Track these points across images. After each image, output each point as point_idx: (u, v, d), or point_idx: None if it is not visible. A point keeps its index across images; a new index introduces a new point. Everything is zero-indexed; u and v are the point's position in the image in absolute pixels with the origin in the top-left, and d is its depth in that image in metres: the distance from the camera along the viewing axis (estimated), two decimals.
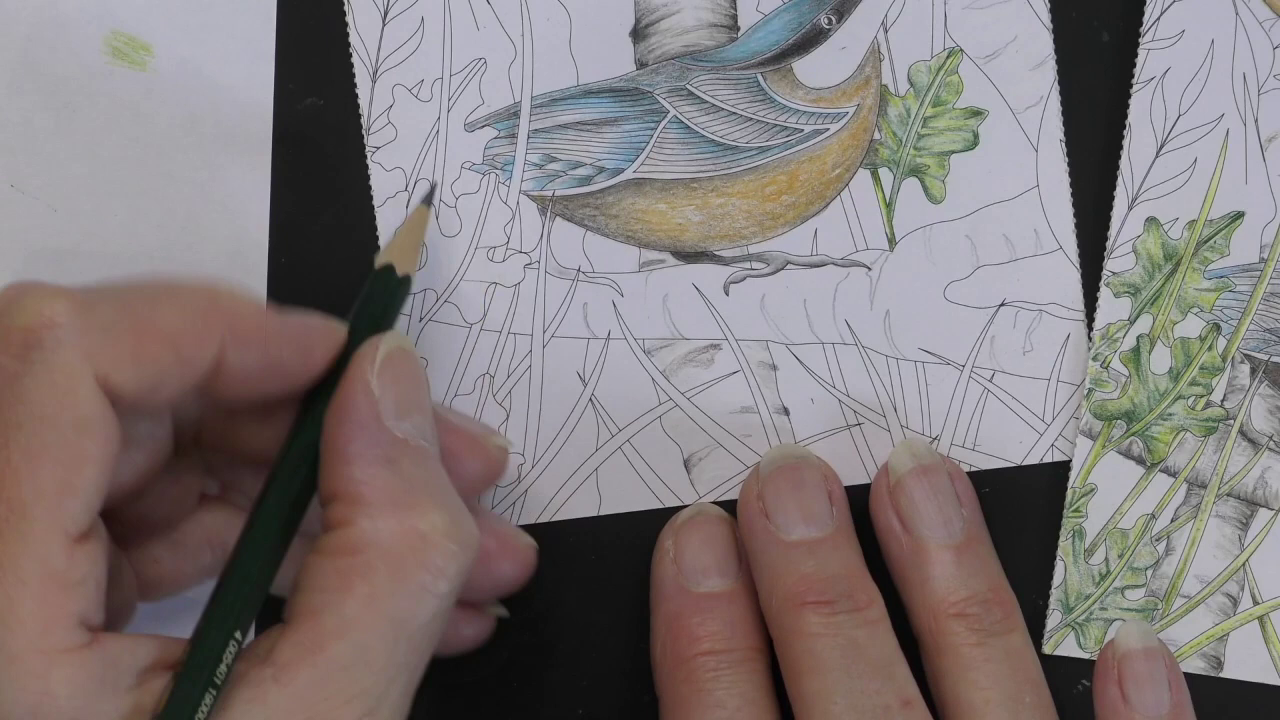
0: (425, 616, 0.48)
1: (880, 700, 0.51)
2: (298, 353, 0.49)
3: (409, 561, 0.47)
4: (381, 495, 0.48)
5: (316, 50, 0.56)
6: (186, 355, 0.47)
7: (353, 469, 0.48)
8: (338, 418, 0.49)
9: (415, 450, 0.49)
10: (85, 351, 0.45)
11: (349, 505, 0.48)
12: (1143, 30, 0.55)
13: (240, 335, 0.48)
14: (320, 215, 0.57)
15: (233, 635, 0.46)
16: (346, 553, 0.47)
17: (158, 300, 0.47)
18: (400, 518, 0.48)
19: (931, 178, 0.56)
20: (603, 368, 0.57)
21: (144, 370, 0.46)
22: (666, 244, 0.56)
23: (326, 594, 0.47)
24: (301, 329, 0.50)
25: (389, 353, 0.50)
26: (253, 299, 0.49)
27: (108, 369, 0.46)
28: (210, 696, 0.45)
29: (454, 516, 0.49)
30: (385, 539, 0.47)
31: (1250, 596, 0.56)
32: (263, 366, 0.49)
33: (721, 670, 0.53)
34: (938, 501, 0.54)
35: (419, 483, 0.49)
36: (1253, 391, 0.56)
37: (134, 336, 0.46)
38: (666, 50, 0.56)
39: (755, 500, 0.54)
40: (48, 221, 0.56)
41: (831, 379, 0.57)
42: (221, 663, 0.46)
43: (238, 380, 0.48)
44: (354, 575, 0.47)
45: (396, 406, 0.49)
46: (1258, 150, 0.55)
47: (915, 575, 0.54)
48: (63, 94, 0.56)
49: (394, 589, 0.47)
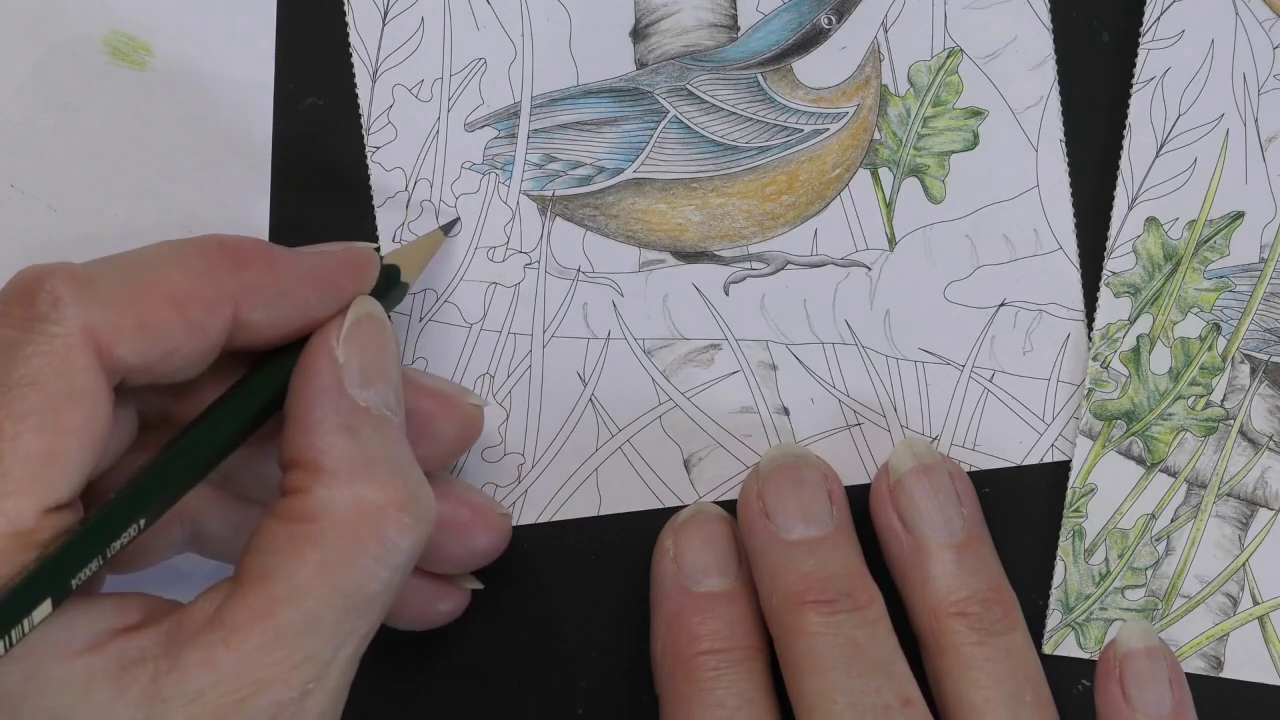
0: (377, 587, 0.47)
1: (880, 699, 0.51)
2: (324, 292, 0.49)
3: (362, 532, 0.47)
4: (339, 464, 0.47)
5: (316, 50, 0.56)
6: (196, 319, 0.47)
7: (312, 436, 0.48)
8: (300, 383, 0.49)
9: (377, 419, 0.49)
10: (85, 325, 0.45)
11: (306, 472, 0.48)
12: (1143, 30, 0.55)
13: (255, 289, 0.48)
14: (320, 215, 0.56)
15: (136, 521, 0.46)
16: (301, 519, 0.47)
17: (162, 265, 0.47)
18: (356, 488, 0.47)
19: (931, 178, 0.56)
20: (603, 368, 0.56)
21: (151, 340, 0.46)
22: (666, 244, 0.56)
23: (278, 559, 0.47)
24: (322, 267, 0.49)
25: (357, 319, 0.49)
26: (265, 247, 0.49)
27: (111, 341, 0.46)
28: (96, 564, 0.45)
29: (411, 489, 0.48)
30: (340, 509, 0.47)
31: (1250, 596, 0.56)
32: (285, 315, 0.48)
33: (722, 669, 0.53)
34: (938, 501, 0.54)
35: (378, 453, 0.48)
36: (1253, 391, 0.56)
37: (137, 306, 0.46)
38: (666, 50, 0.56)
39: (755, 499, 0.54)
40: (48, 221, 0.56)
41: (831, 379, 0.56)
42: (118, 540, 0.46)
43: (261, 330, 0.48)
44: (307, 543, 0.47)
45: (361, 374, 0.49)
46: (1258, 150, 0.55)
47: (916, 574, 0.53)
48: (63, 94, 0.56)
49: (346, 559, 0.47)
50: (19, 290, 0.46)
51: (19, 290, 0.46)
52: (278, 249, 0.49)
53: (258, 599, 0.46)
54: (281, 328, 0.49)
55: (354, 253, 0.51)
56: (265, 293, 0.48)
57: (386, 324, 0.50)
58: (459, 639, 0.57)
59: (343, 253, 0.50)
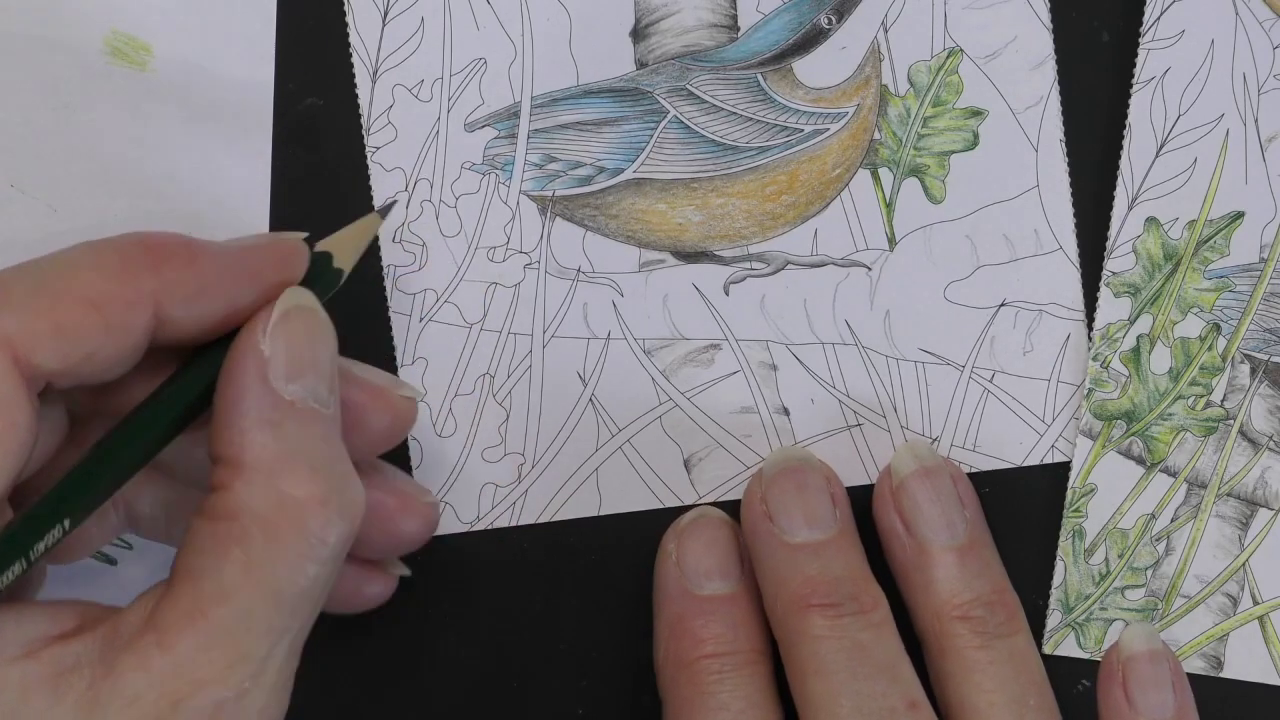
0: (305, 582, 0.46)
1: (886, 702, 0.51)
2: (249, 285, 0.48)
3: (284, 529, 0.46)
4: (259, 460, 0.47)
5: (316, 50, 0.56)
6: (115, 320, 0.46)
7: (233, 431, 0.47)
8: (226, 378, 0.48)
9: (302, 413, 0.48)
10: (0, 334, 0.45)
11: (229, 469, 0.47)
12: (1143, 30, 0.55)
13: (175, 285, 0.47)
14: (320, 215, 0.56)
15: (61, 522, 0.46)
16: (224, 517, 0.46)
17: (78, 267, 0.46)
18: (276, 483, 0.46)
19: (931, 178, 0.56)
20: (603, 368, 0.56)
21: (70, 344, 0.45)
22: (666, 244, 0.56)
23: (206, 557, 0.46)
24: (246, 260, 0.48)
25: (286, 311, 0.48)
26: (186, 242, 0.47)
27: (28, 349, 0.45)
28: (20, 566, 0.45)
29: (334, 483, 0.47)
30: (260, 505, 0.46)
31: (1250, 596, 0.56)
32: (209, 310, 0.47)
33: (725, 673, 0.53)
34: (940, 504, 0.54)
35: (300, 447, 0.47)
36: (1253, 391, 0.55)
37: (52, 311, 0.45)
38: (666, 50, 0.56)
39: (759, 503, 0.54)
40: (48, 221, 0.56)
41: (831, 379, 0.56)
42: (42, 540, 0.45)
43: (186, 326, 0.47)
44: (230, 541, 0.46)
45: (288, 367, 0.48)
46: (1258, 150, 0.55)
47: (918, 578, 0.53)
48: (63, 94, 0.56)
49: (270, 556, 0.46)
50: None
51: None
52: (200, 243, 0.48)
53: (188, 599, 0.45)
54: (207, 323, 0.48)
55: (280, 243, 0.50)
56: (186, 289, 0.47)
57: (318, 314, 0.49)
58: (459, 639, 0.57)
59: (268, 244, 0.49)
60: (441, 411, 0.56)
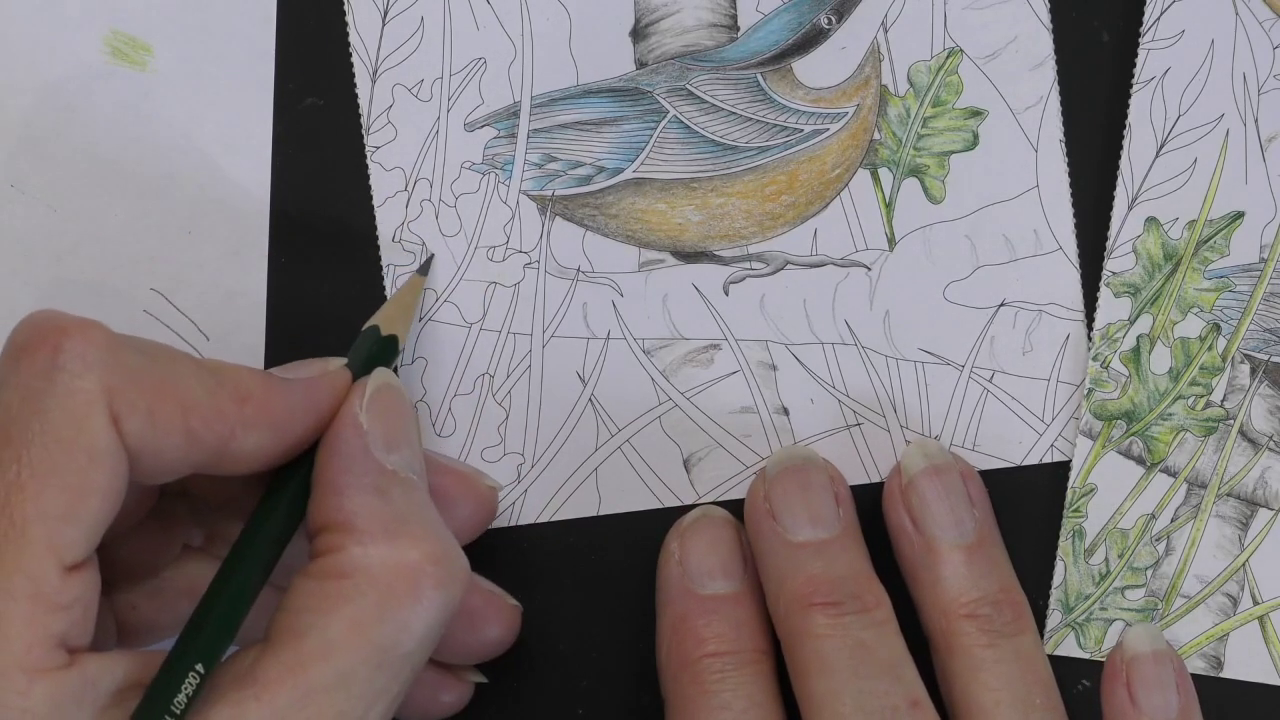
0: (410, 645, 0.47)
1: (888, 701, 0.51)
2: (308, 423, 0.49)
3: (398, 589, 0.47)
4: (373, 524, 0.47)
5: (316, 50, 0.56)
6: (196, 429, 0.46)
7: (343, 499, 0.48)
8: (329, 451, 0.48)
9: (404, 481, 0.49)
10: (106, 387, 0.45)
11: (339, 533, 0.47)
12: (1143, 30, 0.55)
13: (252, 420, 0.47)
14: (320, 215, 0.56)
15: (193, 667, 0.46)
16: (335, 576, 0.47)
17: (182, 368, 0.47)
18: (391, 546, 0.47)
19: (931, 178, 0.56)
20: (602, 368, 0.56)
21: (153, 428, 0.46)
22: (666, 244, 0.56)
23: (312, 615, 0.46)
24: (310, 399, 0.49)
25: (377, 388, 0.50)
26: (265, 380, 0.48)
27: (122, 412, 0.45)
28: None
29: (445, 547, 0.48)
30: (375, 566, 0.47)
31: (1250, 596, 0.56)
32: (272, 446, 0.48)
33: (728, 672, 0.53)
34: (949, 501, 0.54)
35: (410, 513, 0.48)
36: (1253, 391, 0.55)
37: (153, 392, 0.46)
38: (666, 50, 0.56)
39: (762, 502, 0.54)
40: (48, 221, 0.56)
41: (831, 379, 0.56)
42: (180, 693, 0.45)
43: (243, 459, 0.48)
44: (341, 599, 0.46)
45: (385, 440, 0.49)
46: (1258, 150, 0.55)
47: (926, 575, 0.53)
48: (63, 94, 0.56)
49: (380, 616, 0.47)
50: (39, 336, 0.45)
51: (39, 336, 0.45)
52: (275, 381, 0.48)
53: (290, 655, 0.46)
54: (264, 456, 0.48)
55: (333, 377, 0.50)
56: (260, 425, 0.48)
57: (404, 392, 0.50)
58: None
59: (323, 379, 0.50)
60: (441, 411, 0.56)
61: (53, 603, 0.44)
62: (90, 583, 0.45)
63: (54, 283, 0.55)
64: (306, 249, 0.56)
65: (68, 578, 0.44)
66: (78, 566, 0.44)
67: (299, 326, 0.56)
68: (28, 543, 0.44)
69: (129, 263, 0.56)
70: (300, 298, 0.56)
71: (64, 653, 0.44)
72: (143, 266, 0.56)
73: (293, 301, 0.56)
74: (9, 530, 0.44)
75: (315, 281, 0.56)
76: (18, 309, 0.55)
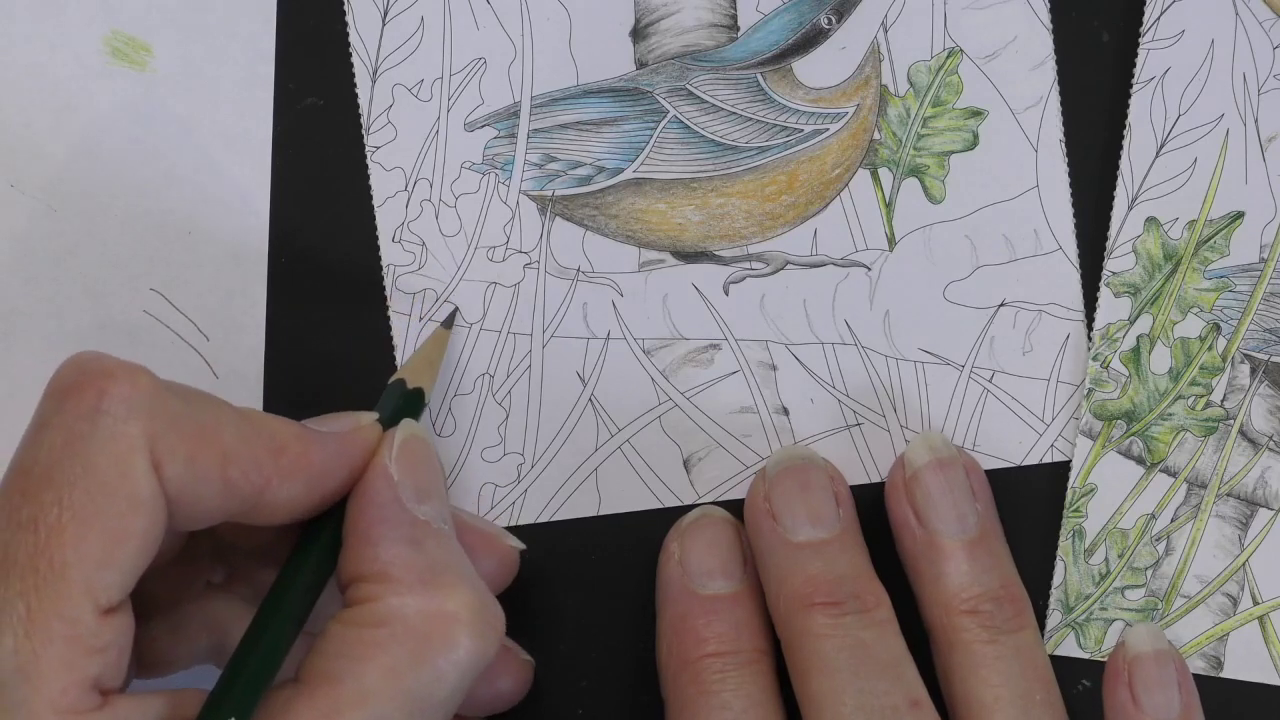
0: (444, 693, 0.47)
1: (889, 701, 0.51)
2: (341, 477, 0.49)
3: (434, 639, 0.47)
4: (408, 574, 0.48)
5: (316, 50, 0.56)
6: (232, 479, 0.46)
7: (378, 549, 0.48)
8: (361, 502, 0.49)
9: (437, 532, 0.49)
10: (147, 432, 0.45)
11: (374, 583, 0.48)
12: (1143, 30, 0.55)
13: (288, 472, 0.47)
14: (320, 215, 0.56)
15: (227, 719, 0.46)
16: (371, 625, 0.47)
17: (221, 417, 0.47)
18: (428, 596, 0.47)
19: (931, 178, 0.55)
20: (602, 368, 0.56)
21: (193, 476, 0.46)
22: (666, 244, 0.56)
23: (347, 661, 0.46)
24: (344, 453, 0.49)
25: (404, 440, 0.50)
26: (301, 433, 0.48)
27: (163, 458, 0.45)
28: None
29: (481, 597, 0.48)
30: (411, 615, 0.47)
31: (1250, 596, 0.55)
32: (305, 498, 0.48)
33: (728, 672, 0.52)
34: (953, 496, 0.53)
35: (444, 563, 0.48)
36: (1253, 391, 0.55)
37: (194, 440, 0.46)
38: (666, 50, 0.56)
39: (762, 501, 0.54)
40: (48, 221, 0.56)
41: (831, 379, 0.56)
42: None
43: (277, 509, 0.48)
44: (377, 647, 0.46)
45: (416, 490, 0.49)
46: (1258, 150, 0.55)
47: (928, 570, 0.53)
48: (63, 94, 0.56)
49: (416, 664, 0.47)
50: (84, 379, 0.45)
51: (84, 379, 0.45)
52: (311, 434, 0.48)
53: (325, 701, 0.46)
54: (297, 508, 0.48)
55: (365, 431, 0.50)
56: (296, 477, 0.48)
57: (431, 445, 0.51)
58: None
59: (355, 432, 0.50)
60: (441, 411, 0.56)
61: (88, 646, 0.44)
62: (125, 626, 0.45)
63: (54, 283, 0.55)
64: (306, 249, 0.56)
65: (103, 621, 0.44)
66: (113, 610, 0.44)
67: (299, 327, 0.56)
68: (66, 586, 0.44)
69: (129, 263, 0.55)
70: (300, 298, 0.56)
71: (97, 695, 0.44)
72: (143, 266, 0.56)
73: (292, 302, 0.56)
74: (48, 573, 0.44)
75: (315, 282, 0.56)
76: (18, 309, 0.55)
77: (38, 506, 0.44)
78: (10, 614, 0.43)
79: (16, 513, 0.44)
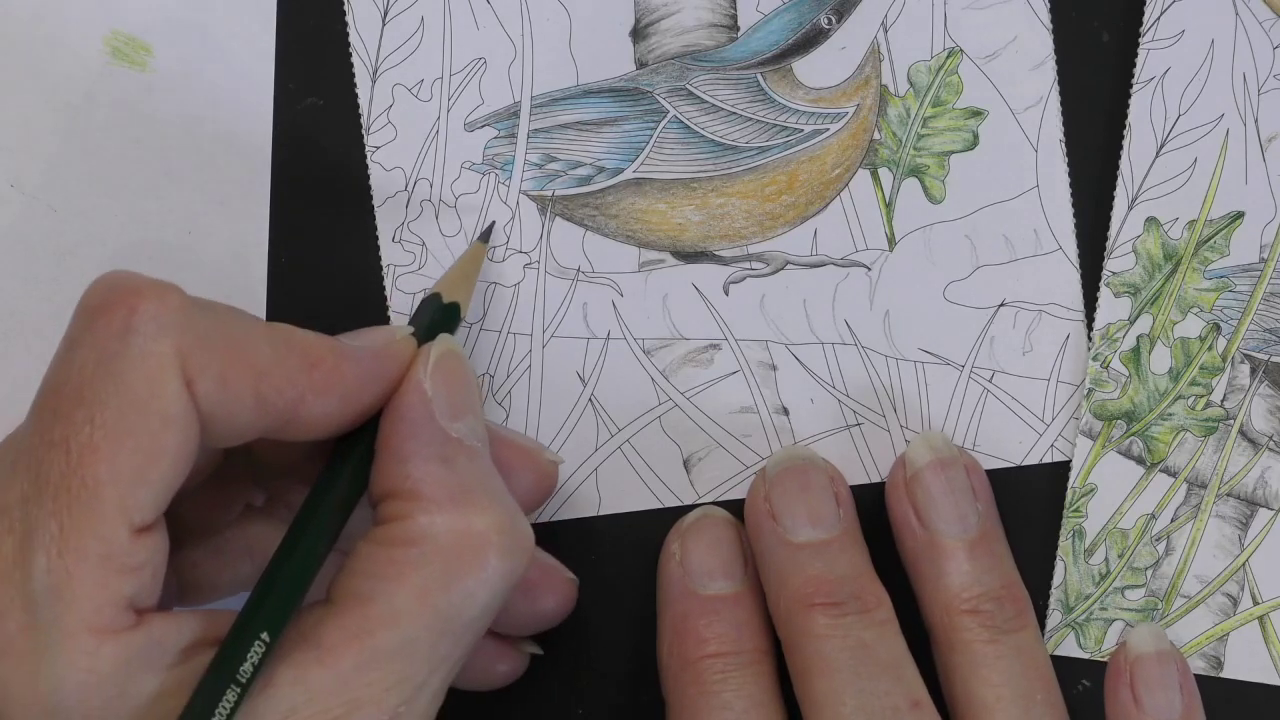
0: (474, 612, 0.47)
1: (889, 701, 0.51)
2: (375, 391, 0.48)
3: (464, 558, 0.47)
4: (439, 492, 0.47)
5: (316, 50, 0.56)
6: (265, 395, 0.46)
7: (409, 466, 0.47)
8: (393, 418, 0.48)
9: (469, 450, 0.48)
10: (179, 350, 0.44)
11: (405, 501, 0.47)
12: (1143, 30, 0.54)
13: (322, 387, 0.47)
14: (320, 215, 0.56)
15: (259, 636, 0.45)
16: (401, 544, 0.47)
17: (253, 333, 0.46)
18: (458, 514, 0.47)
19: (931, 178, 0.55)
20: (602, 368, 0.56)
21: (225, 393, 0.45)
22: (666, 244, 0.56)
23: (377, 581, 0.46)
24: (378, 367, 0.49)
25: (440, 355, 0.49)
26: (334, 346, 0.48)
27: (195, 375, 0.45)
28: (234, 693, 0.45)
29: (511, 517, 0.48)
30: (441, 534, 0.47)
31: (1250, 596, 0.55)
32: (339, 413, 0.48)
33: (729, 672, 0.52)
34: (954, 496, 0.53)
35: (475, 481, 0.48)
36: (1253, 391, 0.55)
37: (225, 356, 0.45)
38: (666, 50, 0.55)
39: (762, 502, 0.53)
40: (48, 221, 0.55)
41: (831, 379, 0.55)
42: (246, 661, 0.45)
43: (311, 425, 0.47)
44: (408, 566, 0.46)
45: (450, 407, 0.48)
46: (1258, 150, 0.54)
47: (929, 570, 0.53)
48: (63, 94, 0.55)
49: (446, 584, 0.46)
50: (114, 297, 0.45)
51: (114, 297, 0.45)
52: (344, 349, 0.48)
53: (355, 620, 0.46)
54: (331, 423, 0.48)
55: (400, 345, 0.50)
56: (330, 392, 0.47)
57: (466, 360, 0.50)
58: None
59: (389, 346, 0.49)
60: None
61: (122, 564, 0.44)
62: (159, 545, 0.45)
63: (54, 283, 0.55)
64: (306, 249, 0.56)
65: (137, 540, 0.44)
66: (147, 528, 0.44)
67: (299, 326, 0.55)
68: (99, 504, 0.43)
69: (129, 263, 0.55)
70: (300, 298, 0.56)
71: (132, 614, 0.44)
72: (143, 266, 0.55)
73: (293, 302, 0.55)
74: (81, 492, 0.43)
75: (315, 282, 0.56)
76: (18, 309, 0.55)
77: (69, 426, 0.44)
78: (43, 533, 0.43)
79: (48, 432, 0.44)
